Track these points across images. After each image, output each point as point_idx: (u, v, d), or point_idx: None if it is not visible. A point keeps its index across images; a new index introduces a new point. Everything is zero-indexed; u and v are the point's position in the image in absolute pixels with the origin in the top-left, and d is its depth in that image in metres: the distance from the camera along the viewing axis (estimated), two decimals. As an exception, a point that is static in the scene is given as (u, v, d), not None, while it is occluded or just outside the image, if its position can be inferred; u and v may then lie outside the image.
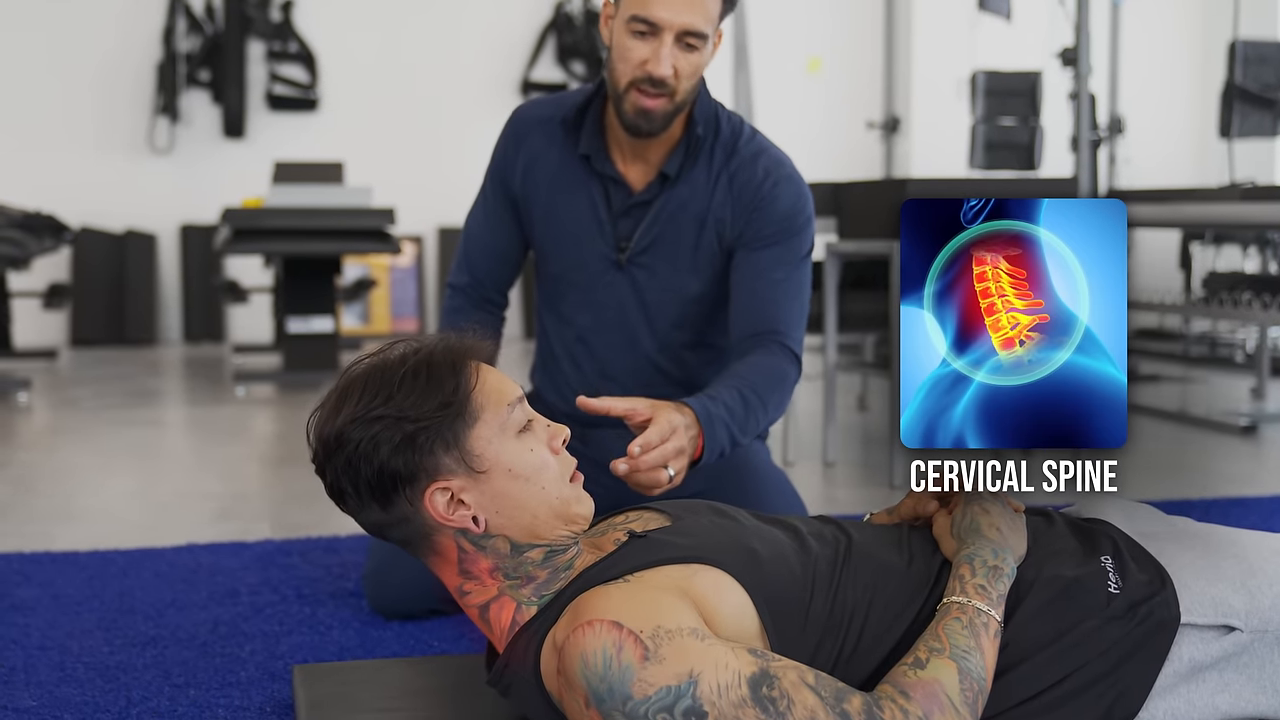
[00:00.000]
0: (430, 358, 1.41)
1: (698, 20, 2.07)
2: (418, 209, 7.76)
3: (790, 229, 2.21)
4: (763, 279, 2.18)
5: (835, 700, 1.29)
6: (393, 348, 1.45)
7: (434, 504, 1.40)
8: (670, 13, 2.05)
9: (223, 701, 1.87)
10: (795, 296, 2.20)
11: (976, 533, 1.46)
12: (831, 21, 8.62)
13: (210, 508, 3.28)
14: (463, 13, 8.04)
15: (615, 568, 1.40)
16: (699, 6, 2.06)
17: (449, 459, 1.39)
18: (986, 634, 1.37)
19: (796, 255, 2.22)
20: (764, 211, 2.21)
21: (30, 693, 1.90)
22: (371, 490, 1.40)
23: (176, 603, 2.38)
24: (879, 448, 4.15)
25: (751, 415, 2.00)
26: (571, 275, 2.28)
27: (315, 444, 1.42)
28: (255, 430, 4.73)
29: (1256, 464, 3.86)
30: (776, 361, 2.12)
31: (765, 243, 2.20)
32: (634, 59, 2.10)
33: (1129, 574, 1.45)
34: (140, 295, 7.63)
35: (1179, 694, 1.42)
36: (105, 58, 7.68)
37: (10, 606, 2.35)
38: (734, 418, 1.95)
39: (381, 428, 1.38)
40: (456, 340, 1.44)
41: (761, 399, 2.04)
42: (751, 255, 2.20)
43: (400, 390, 1.39)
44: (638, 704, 1.28)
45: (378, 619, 2.27)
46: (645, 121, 2.13)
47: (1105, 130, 7.22)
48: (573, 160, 2.26)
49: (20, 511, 3.25)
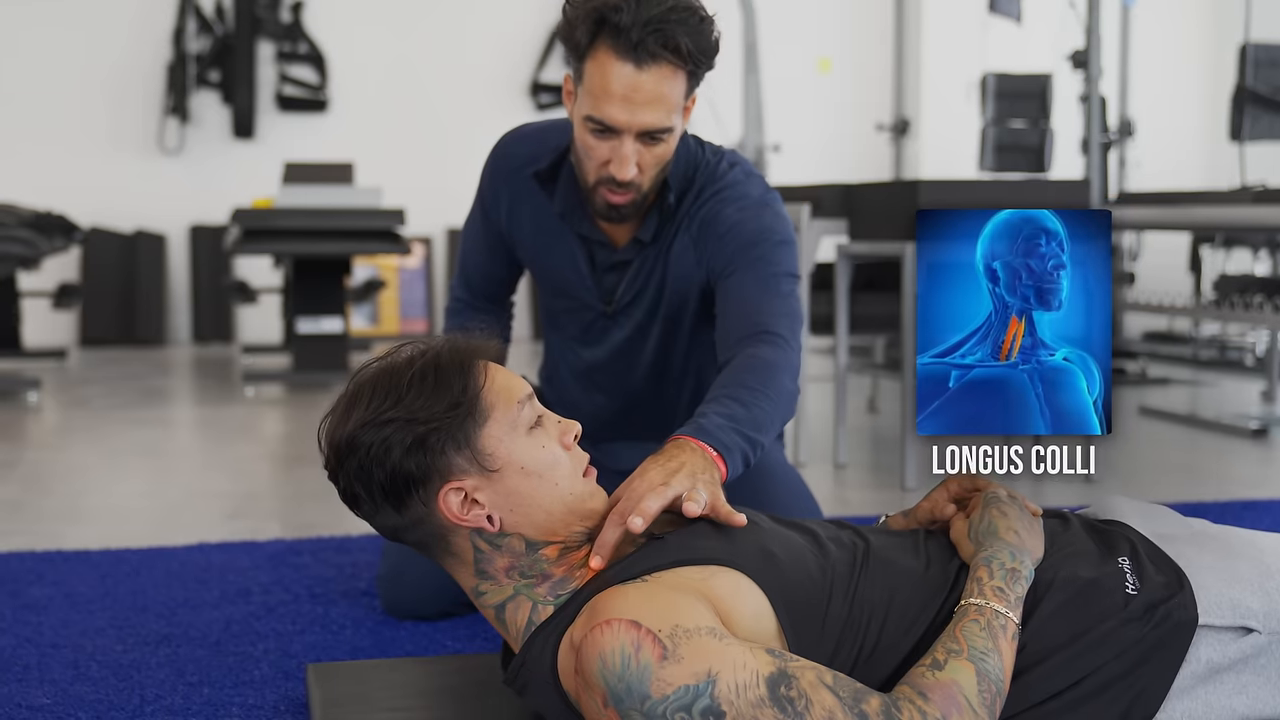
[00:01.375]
0: (438, 359, 1.41)
1: (656, 118, 1.94)
2: (427, 210, 7.76)
3: (758, 254, 2.07)
4: (734, 297, 2.05)
5: (854, 701, 1.29)
6: (400, 350, 1.44)
7: (448, 505, 1.40)
8: (627, 114, 1.93)
9: (237, 700, 1.87)
10: (774, 297, 2.04)
11: (994, 535, 1.46)
12: (841, 23, 8.62)
13: (221, 507, 3.28)
14: (472, 14, 8.05)
15: (633, 568, 1.40)
16: (657, 103, 1.93)
17: (461, 459, 1.39)
18: (1004, 636, 1.37)
19: (770, 272, 2.07)
20: (728, 242, 2.09)
21: (44, 690, 1.91)
22: (385, 494, 1.40)
23: (189, 602, 2.38)
24: (890, 449, 4.15)
25: (755, 406, 1.82)
26: (569, 314, 2.28)
27: (327, 450, 1.42)
28: (265, 430, 4.73)
29: (1267, 467, 3.86)
30: (757, 350, 1.94)
31: (734, 269, 2.07)
32: (595, 159, 2.00)
33: (1146, 576, 1.45)
34: (150, 295, 7.64)
35: (1196, 696, 1.42)
36: (116, 58, 7.70)
37: (23, 605, 2.35)
38: (735, 419, 1.77)
39: (392, 431, 1.38)
40: (463, 340, 1.44)
41: (758, 387, 1.86)
42: (724, 283, 2.08)
43: (410, 392, 1.39)
44: (656, 703, 1.28)
45: (391, 619, 2.26)
46: (615, 215, 2.07)
47: (1115, 133, 7.21)
48: (552, 215, 2.20)
49: (31, 511, 3.25)
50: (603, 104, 1.93)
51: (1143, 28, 8.38)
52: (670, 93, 1.93)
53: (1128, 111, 7.38)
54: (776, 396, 1.87)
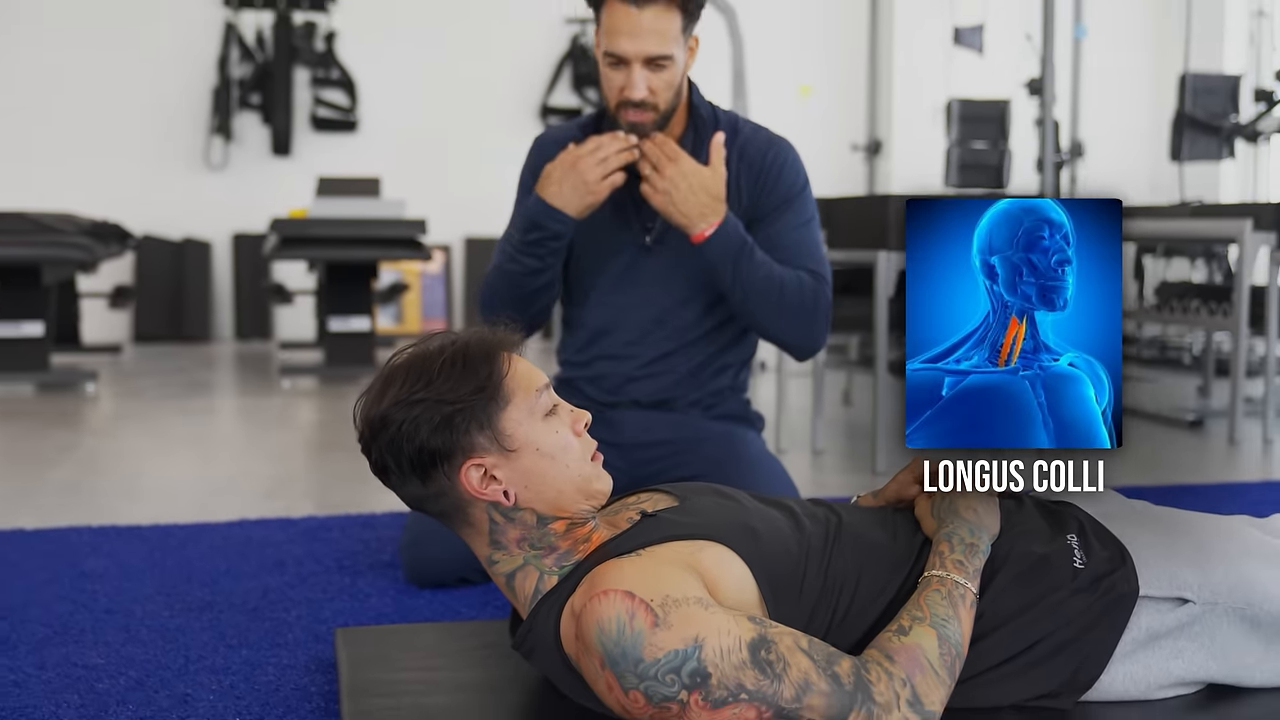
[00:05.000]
0: (466, 348, 1.41)
1: (656, 46, 2.15)
2: (446, 220, 7.76)
3: (796, 194, 2.30)
4: (782, 239, 2.27)
5: (827, 663, 1.29)
6: (432, 339, 1.44)
7: (469, 479, 1.39)
8: (632, 45, 2.15)
9: (272, 660, 1.86)
10: (814, 241, 2.31)
11: (955, 514, 1.46)
12: (820, 53, 8.61)
13: (259, 487, 3.28)
14: (488, 43, 8.04)
15: (628, 543, 1.40)
16: (655, 35, 2.14)
17: (483, 438, 1.39)
18: (963, 604, 1.37)
19: (805, 214, 2.31)
20: (772, 183, 2.30)
21: (98, 652, 1.90)
22: (413, 466, 1.39)
23: (230, 572, 2.38)
24: (863, 438, 4.14)
25: (769, 267, 2.20)
26: (603, 264, 2.31)
27: (361, 425, 1.42)
28: (299, 419, 4.72)
29: (1202, 455, 3.86)
30: (806, 275, 2.25)
31: (779, 210, 2.29)
32: (614, 86, 2.20)
33: (1092, 551, 1.45)
34: (196, 296, 7.63)
35: (1137, 659, 1.42)
36: (167, 83, 7.69)
37: (80, 575, 2.35)
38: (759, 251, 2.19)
39: (422, 410, 1.37)
40: (489, 332, 1.44)
41: (789, 273, 2.22)
42: (769, 223, 2.29)
43: (439, 376, 1.38)
44: (648, 665, 1.28)
45: (412, 588, 2.26)
46: (639, 131, 2.22)
47: (1067, 153, 7.20)
48: None
49: (89, 490, 3.25)
50: (612, 39, 2.16)
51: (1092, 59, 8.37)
52: (667, 27, 2.15)
53: (1078, 134, 7.37)
54: (791, 287, 2.21)
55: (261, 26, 7.75)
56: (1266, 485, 3.31)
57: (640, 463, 2.26)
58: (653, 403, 2.32)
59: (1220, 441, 4.09)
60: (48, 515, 2.90)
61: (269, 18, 7.75)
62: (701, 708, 1.27)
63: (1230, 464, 3.71)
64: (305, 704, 1.68)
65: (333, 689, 1.73)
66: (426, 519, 2.23)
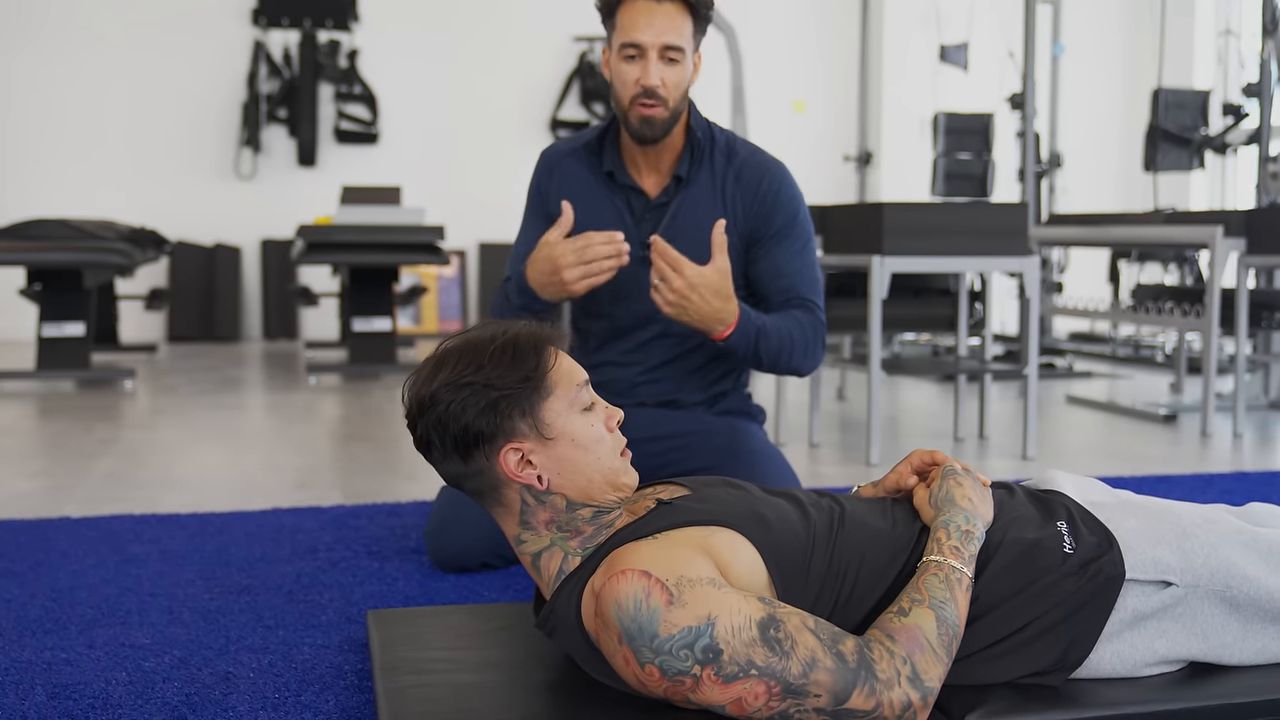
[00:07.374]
0: (517, 339, 1.41)
1: (673, 36, 2.17)
2: (462, 227, 7.77)
3: (792, 218, 2.30)
4: (785, 268, 2.28)
5: (832, 642, 1.29)
6: (484, 328, 1.44)
7: (506, 461, 1.39)
8: (650, 34, 2.17)
9: (307, 641, 1.87)
10: (811, 267, 2.31)
11: (951, 502, 1.46)
12: (814, 69, 8.61)
13: (290, 478, 3.28)
14: (501, 60, 8.05)
15: (646, 528, 1.40)
16: (671, 27, 2.17)
17: (524, 424, 1.39)
18: (960, 588, 1.37)
19: (802, 239, 2.31)
20: (769, 211, 2.29)
21: (144, 632, 1.91)
22: (455, 445, 1.39)
23: (265, 557, 2.38)
24: (857, 431, 4.14)
25: (779, 333, 2.19)
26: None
27: (410, 402, 1.41)
28: (325, 413, 4.73)
29: (1176, 447, 3.86)
30: (804, 313, 2.26)
31: (778, 236, 2.29)
32: (629, 79, 2.20)
33: (1081, 537, 1.45)
34: (227, 299, 7.64)
35: (1124, 639, 1.42)
36: (199, 98, 7.70)
37: (124, 560, 2.36)
38: (766, 321, 2.17)
39: (470, 393, 1.37)
40: (539, 327, 1.44)
41: (792, 321, 2.22)
42: (771, 253, 2.28)
43: (489, 363, 1.38)
44: (663, 641, 1.28)
45: (437, 572, 2.26)
46: (649, 128, 2.21)
47: (1047, 164, 7.20)
48: (599, 178, 2.31)
49: (129, 480, 3.25)
50: (632, 31, 2.17)
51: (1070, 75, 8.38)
52: (682, 24, 2.18)
53: (1057, 146, 7.37)
54: (802, 331, 2.24)
55: (288, 45, 7.76)
56: (1236, 475, 3.31)
57: (649, 455, 2.25)
58: (659, 403, 2.32)
59: (1193, 435, 4.09)
60: (92, 505, 2.90)
61: (295, 36, 7.75)
62: (713, 682, 1.27)
63: (1202, 456, 3.71)
64: (340, 681, 1.69)
65: (365, 668, 1.74)
66: (451, 506, 2.24)
